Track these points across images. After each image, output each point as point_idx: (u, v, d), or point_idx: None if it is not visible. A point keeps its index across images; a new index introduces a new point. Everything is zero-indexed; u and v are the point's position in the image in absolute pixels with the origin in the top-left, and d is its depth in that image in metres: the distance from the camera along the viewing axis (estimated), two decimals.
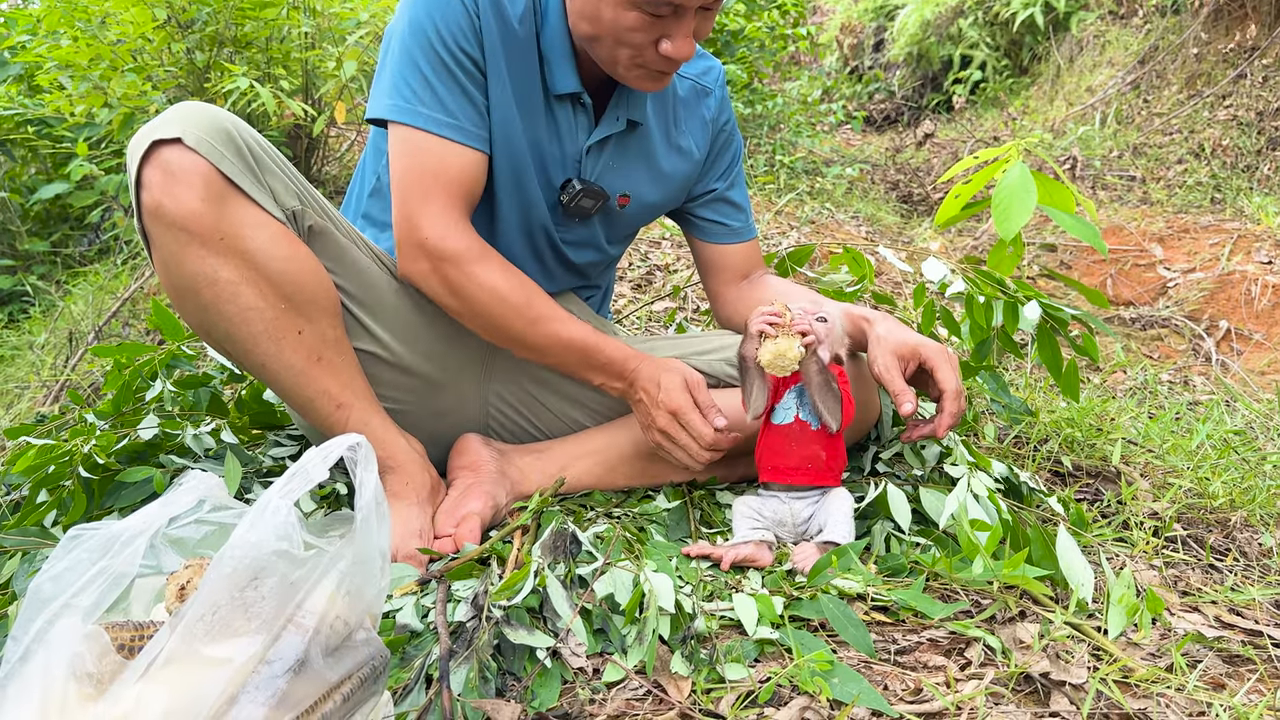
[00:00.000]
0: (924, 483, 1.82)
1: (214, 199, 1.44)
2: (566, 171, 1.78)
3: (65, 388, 3.26)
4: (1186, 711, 1.22)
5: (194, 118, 1.45)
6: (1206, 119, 5.83)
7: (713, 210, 2.02)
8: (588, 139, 1.76)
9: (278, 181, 1.56)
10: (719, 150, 2.00)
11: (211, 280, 1.47)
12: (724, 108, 1.98)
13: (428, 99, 1.61)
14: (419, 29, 1.60)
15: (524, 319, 1.68)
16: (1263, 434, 2.59)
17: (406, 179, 1.63)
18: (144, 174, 1.42)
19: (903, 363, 1.71)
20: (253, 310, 1.50)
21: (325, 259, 1.63)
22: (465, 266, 1.64)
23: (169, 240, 1.44)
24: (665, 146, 1.88)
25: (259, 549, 0.94)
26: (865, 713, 1.19)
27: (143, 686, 0.86)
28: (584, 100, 1.72)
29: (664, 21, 1.52)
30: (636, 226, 1.98)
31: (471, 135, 1.64)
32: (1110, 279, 4.37)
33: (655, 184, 1.89)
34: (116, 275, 4.20)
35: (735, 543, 1.64)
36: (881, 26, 9.94)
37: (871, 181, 6.53)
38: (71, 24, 3.67)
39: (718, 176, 2.01)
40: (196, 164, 1.43)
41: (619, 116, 1.77)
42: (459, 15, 1.59)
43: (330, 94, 3.96)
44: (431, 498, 1.71)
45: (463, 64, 1.62)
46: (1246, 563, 1.74)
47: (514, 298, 1.67)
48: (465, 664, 1.23)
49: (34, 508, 1.68)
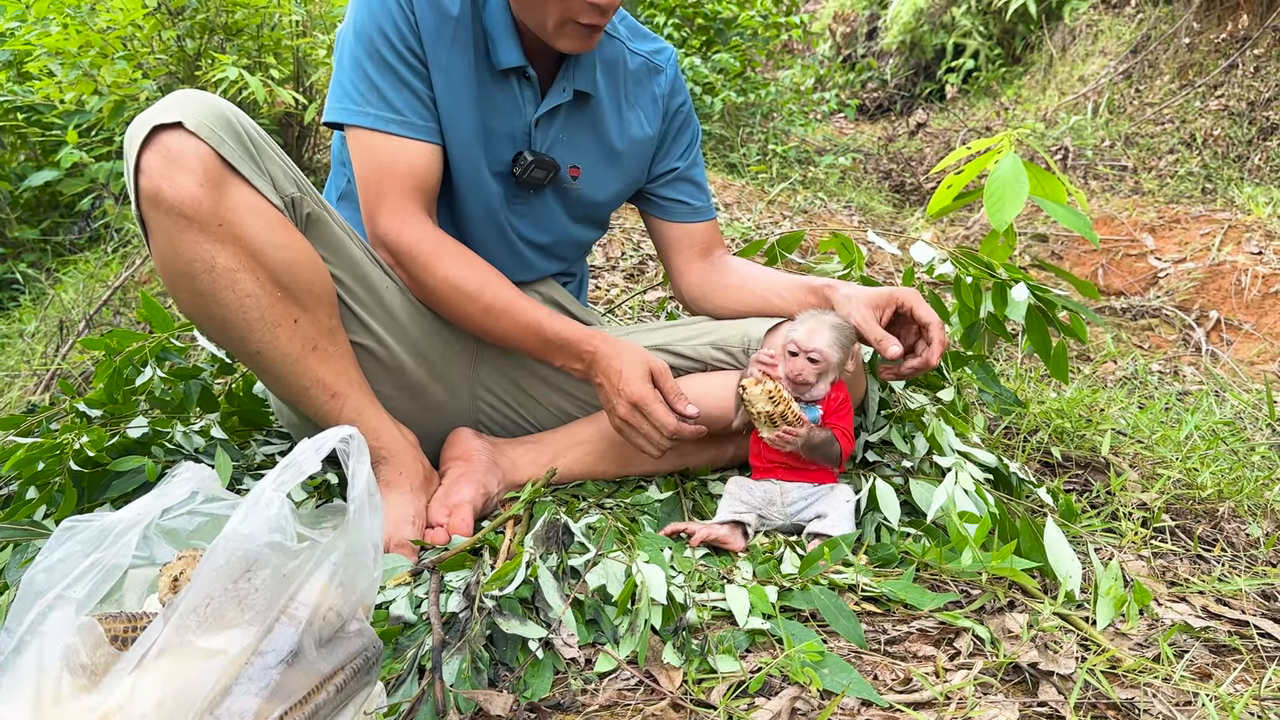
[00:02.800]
0: (914, 474, 1.82)
1: (213, 184, 1.44)
2: (517, 145, 1.79)
3: (56, 376, 3.25)
4: (1173, 701, 1.23)
5: (194, 103, 1.45)
6: (1198, 109, 5.84)
7: (675, 189, 2.02)
8: (535, 111, 1.77)
9: (276, 168, 1.56)
10: (677, 130, 2.00)
11: (209, 266, 1.46)
12: (677, 88, 1.98)
13: (374, 99, 1.65)
14: (361, 31, 1.64)
15: (478, 305, 1.72)
16: (1251, 425, 2.61)
17: (364, 179, 1.69)
18: (143, 159, 1.42)
19: (877, 311, 1.76)
20: (249, 298, 1.50)
21: (321, 248, 1.63)
22: (420, 260, 1.70)
23: (167, 226, 1.43)
24: (616, 120, 1.89)
25: (252, 541, 0.94)
26: (855, 702, 1.20)
27: (136, 678, 0.86)
28: (529, 74, 1.74)
29: None
30: (600, 206, 1.96)
31: (419, 129, 1.68)
32: (1101, 269, 4.38)
33: (607, 159, 1.90)
34: (107, 264, 4.19)
35: (710, 523, 1.67)
36: (875, 15, 9.93)
37: (864, 171, 6.53)
38: (61, 11, 3.65)
39: (678, 155, 2.01)
40: (197, 148, 1.42)
41: (565, 88, 1.78)
42: (394, 11, 1.62)
43: (321, 82, 3.94)
44: (425, 487, 1.71)
45: (404, 58, 1.64)
46: (1234, 553, 1.76)
47: (468, 286, 1.71)
48: (458, 654, 1.24)
49: (23, 504, 1.68)
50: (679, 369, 1.90)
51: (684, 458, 1.95)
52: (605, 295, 3.48)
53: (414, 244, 1.69)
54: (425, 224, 1.71)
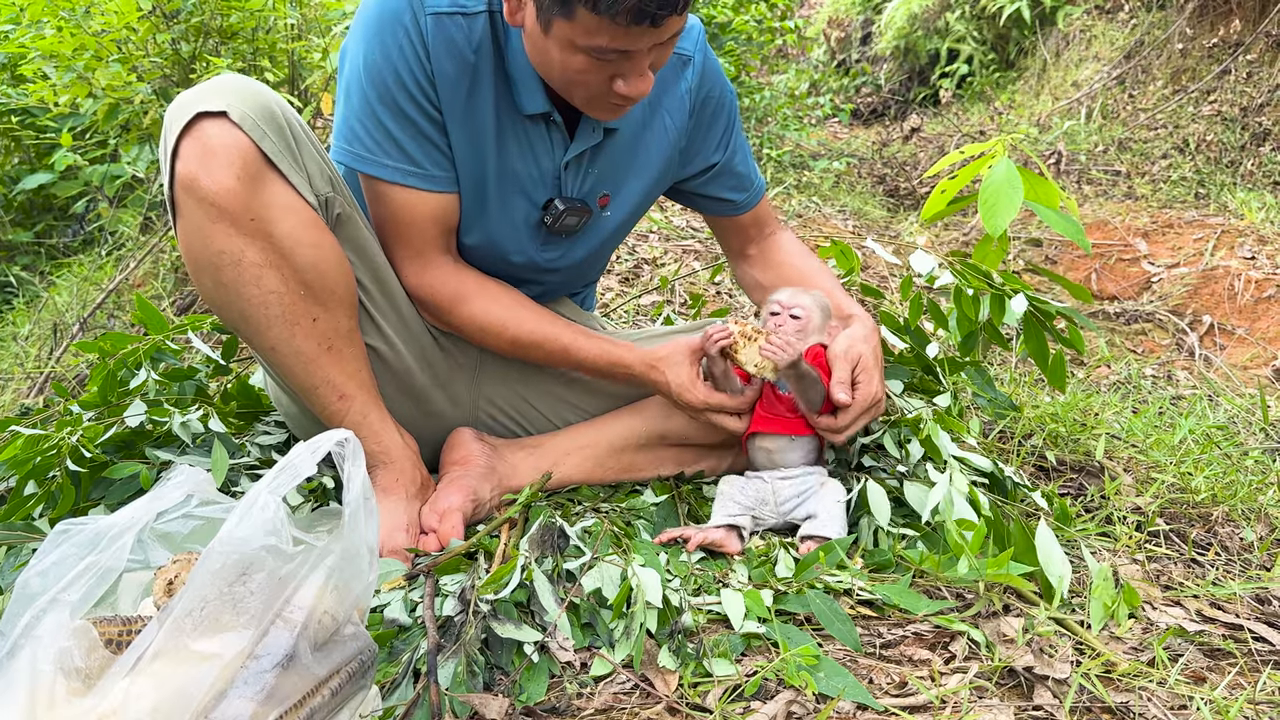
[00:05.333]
0: (909, 477, 1.82)
1: (250, 178, 1.42)
2: (547, 190, 1.74)
3: (50, 379, 3.25)
4: (1168, 705, 1.23)
5: (240, 92, 1.43)
6: (1191, 114, 5.86)
7: (717, 186, 1.96)
8: (564, 155, 1.72)
9: (314, 165, 1.54)
10: (710, 120, 1.89)
11: (235, 260, 1.45)
12: (707, 73, 1.84)
13: (390, 148, 1.61)
14: (374, 72, 1.56)
15: (504, 340, 1.77)
16: (1245, 429, 2.61)
17: (381, 225, 1.70)
18: (183, 145, 1.40)
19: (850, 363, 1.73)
20: (273, 294, 1.49)
21: (348, 248, 1.62)
22: (443, 305, 1.74)
23: (199, 215, 1.42)
24: (643, 133, 1.81)
25: (247, 544, 0.94)
26: (850, 706, 1.20)
27: (131, 681, 0.86)
28: (555, 119, 1.68)
29: (615, 63, 1.47)
30: (626, 224, 1.93)
31: (438, 180, 1.65)
32: (1095, 274, 4.39)
33: (637, 175, 1.84)
34: (101, 266, 4.18)
35: (705, 527, 1.68)
36: (869, 20, 9.95)
37: (859, 175, 6.53)
38: (55, 14, 3.64)
39: (714, 148, 1.92)
40: (238, 140, 1.41)
41: (595, 127, 1.71)
42: (410, 60, 1.55)
43: (316, 85, 3.94)
44: (421, 494, 1.71)
45: (422, 108, 1.59)
46: (1228, 557, 1.76)
47: (492, 324, 1.75)
48: (453, 658, 1.24)
49: (21, 500, 1.68)
50: None
51: (682, 467, 1.95)
52: (600, 299, 3.47)
53: (435, 290, 1.72)
54: (444, 266, 1.72)
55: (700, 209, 2.04)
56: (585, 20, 1.38)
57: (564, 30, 1.42)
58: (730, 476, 1.78)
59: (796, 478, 1.73)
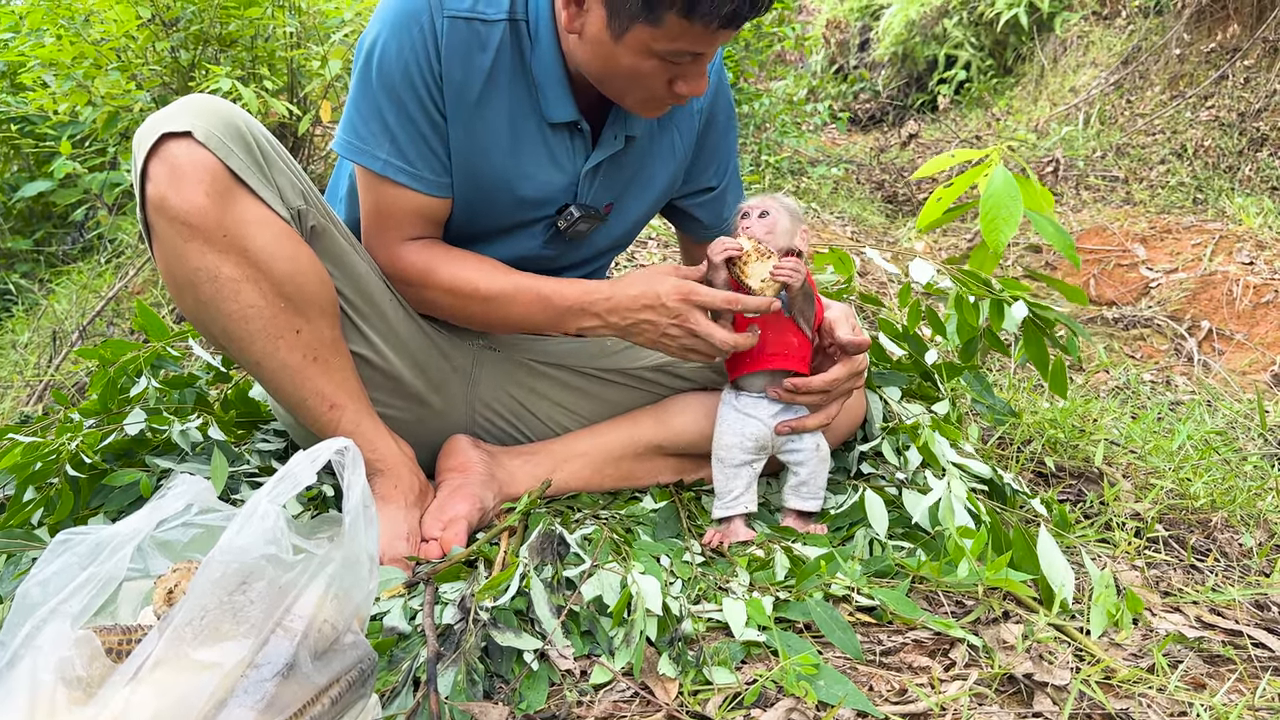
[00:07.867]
0: (907, 485, 1.83)
1: (219, 195, 1.44)
2: (563, 196, 1.75)
3: (49, 387, 3.25)
4: (1167, 711, 1.23)
5: (205, 111, 1.45)
6: (1189, 120, 5.87)
7: (707, 211, 1.99)
8: (585, 163, 1.73)
9: (284, 179, 1.55)
10: (716, 138, 1.91)
11: (212, 276, 1.46)
12: (720, 92, 1.87)
13: (385, 142, 1.62)
14: (384, 65, 1.57)
15: (478, 300, 1.72)
16: (1243, 434, 2.62)
17: (367, 213, 1.71)
18: (150, 167, 1.42)
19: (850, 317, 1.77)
20: (252, 309, 1.50)
21: (325, 260, 1.62)
22: (416, 278, 1.72)
23: (171, 234, 1.43)
24: (654, 148, 1.83)
25: (247, 553, 0.94)
26: (851, 714, 1.20)
27: (132, 690, 0.86)
28: (581, 127, 1.69)
29: (682, 65, 1.51)
30: (628, 234, 1.94)
31: (430, 184, 1.66)
32: (1093, 279, 4.40)
33: (642, 190, 1.86)
34: (100, 274, 4.18)
35: (717, 528, 1.73)
36: (867, 26, 9.96)
37: (857, 181, 6.54)
38: (55, 22, 3.64)
39: (714, 172, 1.95)
40: (205, 159, 1.42)
41: (617, 134, 1.73)
42: (421, 61, 1.56)
43: (315, 92, 3.94)
44: (419, 501, 1.71)
45: (426, 109, 1.60)
46: (1227, 563, 1.76)
47: (463, 286, 1.71)
48: (453, 666, 1.24)
49: (20, 506, 1.68)
50: (670, 387, 1.93)
51: (681, 475, 1.95)
52: None
53: (407, 267, 1.71)
54: (415, 248, 1.71)
55: (692, 232, 2.06)
56: (672, 26, 1.42)
57: (643, 35, 1.45)
58: (726, 417, 1.77)
59: (777, 404, 1.74)
